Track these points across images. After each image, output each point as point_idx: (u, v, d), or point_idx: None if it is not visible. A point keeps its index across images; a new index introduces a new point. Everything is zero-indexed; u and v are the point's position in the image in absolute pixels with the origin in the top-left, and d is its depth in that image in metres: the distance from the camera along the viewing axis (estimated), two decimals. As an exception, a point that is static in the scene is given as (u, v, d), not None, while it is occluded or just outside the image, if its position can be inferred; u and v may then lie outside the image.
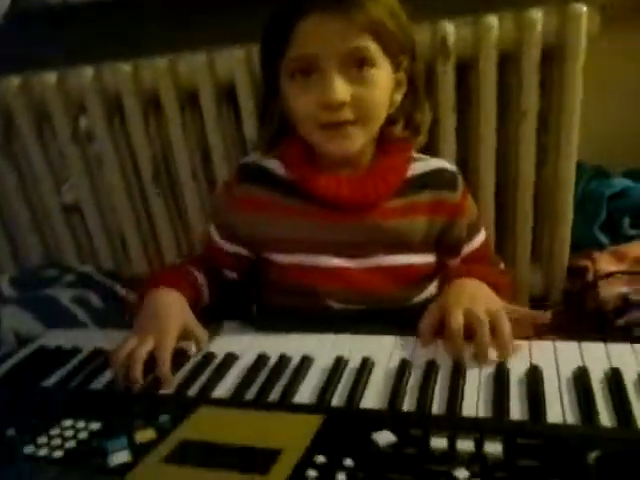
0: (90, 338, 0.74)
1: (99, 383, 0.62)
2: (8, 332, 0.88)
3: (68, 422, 0.53)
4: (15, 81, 1.00)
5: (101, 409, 0.55)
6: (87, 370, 0.65)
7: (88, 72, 0.98)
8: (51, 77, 0.99)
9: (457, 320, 0.59)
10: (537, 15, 0.90)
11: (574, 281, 1.02)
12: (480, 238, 0.79)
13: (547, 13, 0.90)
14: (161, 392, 0.60)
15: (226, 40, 0.98)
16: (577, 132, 0.95)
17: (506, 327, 0.58)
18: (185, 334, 0.66)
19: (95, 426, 0.52)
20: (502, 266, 0.83)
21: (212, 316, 0.82)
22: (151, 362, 0.62)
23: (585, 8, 0.89)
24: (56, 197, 1.08)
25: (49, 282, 1.01)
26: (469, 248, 0.78)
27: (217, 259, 0.81)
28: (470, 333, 0.59)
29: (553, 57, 0.93)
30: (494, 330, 0.58)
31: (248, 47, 0.94)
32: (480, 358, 0.57)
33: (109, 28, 1.06)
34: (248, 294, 0.87)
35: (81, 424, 0.53)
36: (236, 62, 0.94)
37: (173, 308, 0.68)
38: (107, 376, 0.63)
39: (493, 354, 0.58)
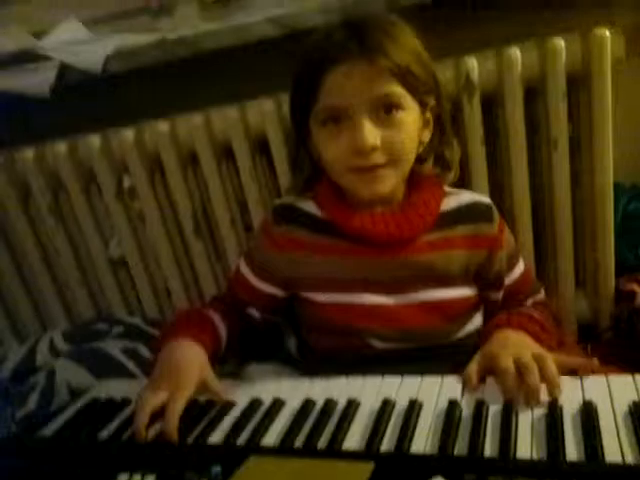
0: (139, 388, 0.75)
1: (151, 434, 0.63)
2: (62, 385, 0.91)
3: (124, 476, 0.54)
4: (62, 146, 1.06)
5: (154, 461, 0.56)
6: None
7: (129, 133, 1.03)
8: (95, 140, 1.05)
9: (508, 362, 0.60)
10: (560, 44, 0.90)
11: (622, 306, 0.99)
12: (520, 268, 0.78)
13: (570, 41, 0.90)
14: (212, 441, 0.60)
15: (255, 93, 1.01)
16: (611, 155, 0.94)
17: (552, 368, 0.58)
18: (202, 389, 0.67)
19: (150, 479, 0.53)
20: (542, 294, 0.82)
21: (233, 352, 0.83)
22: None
23: (608, 33, 0.89)
24: (103, 253, 1.13)
25: (99, 335, 1.05)
26: (510, 279, 0.77)
27: (246, 298, 0.82)
28: (519, 379, 0.59)
29: (580, 83, 0.93)
30: (541, 372, 0.58)
31: (277, 97, 0.97)
32: (532, 400, 0.57)
33: (146, 91, 1.12)
34: (279, 334, 0.88)
35: (137, 477, 0.53)
36: (266, 113, 0.98)
37: (192, 363, 0.68)
38: (158, 427, 0.63)
39: (544, 394, 0.58)
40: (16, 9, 1.29)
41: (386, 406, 0.60)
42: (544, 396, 0.57)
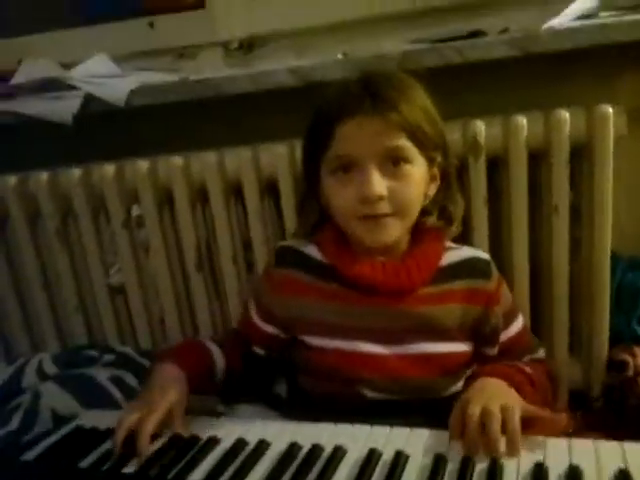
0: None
1: (132, 466, 0.63)
2: (46, 409, 0.90)
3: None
4: (76, 172, 1.09)
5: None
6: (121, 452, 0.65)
7: (143, 165, 1.06)
8: (109, 168, 1.08)
9: (475, 409, 0.60)
10: (565, 115, 0.93)
11: (614, 375, 0.99)
12: (517, 325, 0.78)
13: (574, 113, 0.94)
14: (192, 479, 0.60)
15: (269, 136, 1.05)
16: (610, 226, 0.96)
17: (515, 423, 0.58)
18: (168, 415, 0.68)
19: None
20: (542, 353, 0.81)
21: (232, 390, 0.84)
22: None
23: (611, 109, 0.93)
24: (103, 279, 1.14)
25: (89, 361, 1.04)
26: (506, 336, 0.77)
27: (252, 336, 0.83)
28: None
29: (582, 154, 0.96)
30: (504, 425, 0.58)
31: (290, 143, 1.01)
32: (488, 451, 0.57)
33: (165, 127, 1.16)
34: (273, 374, 0.88)
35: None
36: (279, 157, 1.01)
37: (167, 386, 0.70)
38: (137, 462, 0.63)
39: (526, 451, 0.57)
40: (48, 41, 1.36)
41: (372, 455, 0.59)
42: (504, 450, 0.57)
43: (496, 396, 0.62)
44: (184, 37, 1.33)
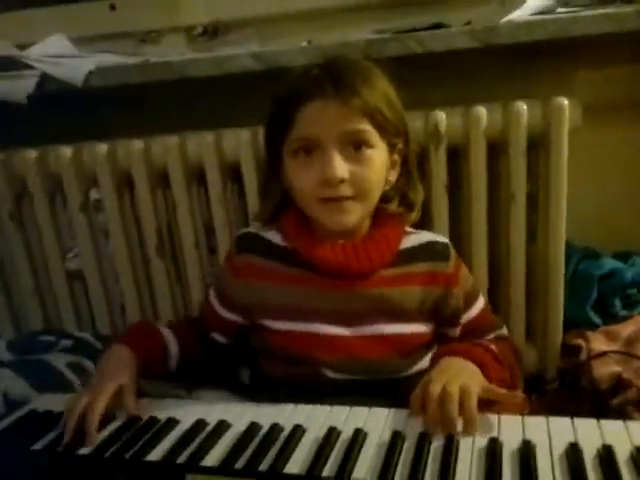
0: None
1: (87, 448, 0.62)
2: (-1, 395, 0.88)
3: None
4: (33, 153, 1.06)
5: (86, 474, 0.55)
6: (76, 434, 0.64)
7: (102, 148, 1.04)
8: (67, 151, 1.05)
9: (435, 388, 0.61)
10: (522, 107, 0.96)
11: (568, 360, 1.03)
12: (478, 306, 0.80)
13: (532, 105, 0.97)
14: (150, 459, 0.59)
15: (232, 122, 1.04)
16: (565, 215, 0.99)
17: (471, 404, 0.60)
18: (119, 396, 0.68)
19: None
20: (504, 331, 0.84)
21: (196, 376, 0.84)
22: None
23: (567, 102, 0.96)
24: (61, 264, 1.11)
25: (46, 347, 1.01)
26: (467, 317, 0.79)
27: (211, 323, 0.83)
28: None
29: (539, 145, 0.99)
30: (461, 404, 0.60)
31: (253, 128, 1.00)
32: (445, 429, 0.59)
33: (124, 108, 1.13)
34: (237, 360, 0.88)
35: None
36: (242, 142, 1.00)
37: (116, 369, 0.71)
38: (96, 441, 0.63)
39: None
40: (6, 21, 1.31)
41: (331, 433, 0.60)
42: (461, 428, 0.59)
43: (457, 376, 0.64)
44: (147, 21, 1.30)
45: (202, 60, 1.05)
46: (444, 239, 0.80)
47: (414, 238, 0.78)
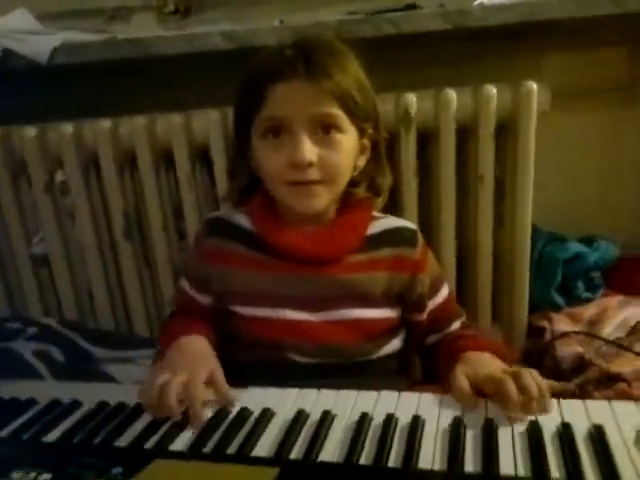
0: (47, 389, 0.73)
1: (54, 435, 0.61)
2: (-38, 384, 0.86)
3: (18, 474, 0.52)
4: (-6, 133, 1.02)
5: (54, 461, 0.54)
6: (43, 421, 0.64)
7: (68, 128, 1.01)
8: (31, 131, 1.02)
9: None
10: (492, 91, 0.97)
11: (533, 340, 1.05)
12: (443, 293, 0.81)
13: (501, 89, 0.98)
14: (116, 444, 0.59)
15: (201, 101, 1.02)
16: (531, 198, 1.01)
17: (540, 379, 0.62)
18: (210, 380, 0.67)
19: (46, 477, 0.51)
20: (464, 319, 0.85)
21: None
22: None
23: (535, 86, 0.97)
24: (25, 248, 1.08)
25: (11, 335, 0.99)
26: (433, 303, 0.80)
27: (192, 310, 0.82)
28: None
29: (507, 129, 1.00)
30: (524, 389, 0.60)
31: (223, 109, 0.98)
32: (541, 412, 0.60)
33: (90, 87, 1.10)
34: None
35: (32, 475, 0.51)
36: (211, 123, 0.99)
37: (204, 354, 0.71)
38: (62, 428, 0.62)
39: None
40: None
41: (300, 416, 0.61)
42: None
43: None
44: (116, -2, 1.26)
45: (171, 38, 1.03)
46: (412, 225, 0.80)
47: (382, 223, 0.78)
